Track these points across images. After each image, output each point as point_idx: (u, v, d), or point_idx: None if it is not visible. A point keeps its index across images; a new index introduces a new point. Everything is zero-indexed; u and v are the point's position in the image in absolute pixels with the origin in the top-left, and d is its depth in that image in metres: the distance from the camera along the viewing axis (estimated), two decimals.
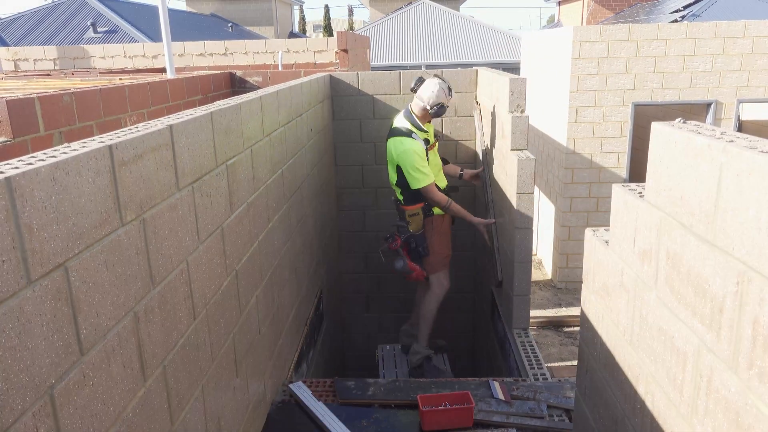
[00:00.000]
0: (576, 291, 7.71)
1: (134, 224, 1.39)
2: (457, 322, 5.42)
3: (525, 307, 3.60)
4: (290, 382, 3.01)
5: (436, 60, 18.40)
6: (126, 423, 1.34)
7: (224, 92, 5.87)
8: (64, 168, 1.12)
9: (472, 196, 5.11)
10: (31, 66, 8.44)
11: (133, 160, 1.39)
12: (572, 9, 21.95)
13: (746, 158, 0.97)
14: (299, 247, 3.45)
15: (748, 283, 0.98)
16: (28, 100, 2.70)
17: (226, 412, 2.08)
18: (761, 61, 7.04)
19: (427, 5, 22.02)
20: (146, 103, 4.07)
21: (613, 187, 1.57)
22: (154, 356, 1.49)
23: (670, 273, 1.24)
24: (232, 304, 2.13)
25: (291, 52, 8.20)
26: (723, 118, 7.25)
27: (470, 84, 4.83)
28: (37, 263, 1.04)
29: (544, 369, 3.16)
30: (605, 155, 7.50)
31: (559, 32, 7.87)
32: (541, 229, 8.97)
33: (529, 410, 2.73)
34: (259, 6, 28.09)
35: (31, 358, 1.02)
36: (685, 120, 1.28)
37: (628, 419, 1.50)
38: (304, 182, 3.60)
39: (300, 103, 3.49)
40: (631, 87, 7.22)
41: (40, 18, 18.05)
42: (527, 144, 3.57)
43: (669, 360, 1.27)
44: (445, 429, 2.64)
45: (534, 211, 3.53)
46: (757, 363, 0.96)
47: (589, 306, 1.79)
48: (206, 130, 1.88)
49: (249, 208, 2.36)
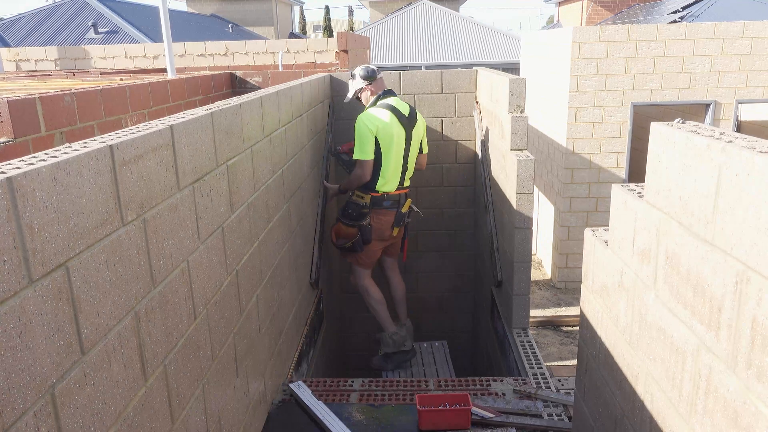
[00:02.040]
0: (575, 291, 7.71)
1: (135, 224, 1.40)
2: (457, 321, 5.43)
3: (525, 307, 3.60)
4: (290, 381, 3.01)
5: (436, 60, 18.41)
6: (127, 422, 1.35)
7: (225, 92, 5.88)
8: (65, 168, 1.12)
9: (472, 196, 5.12)
10: (33, 66, 8.45)
11: (134, 160, 1.39)
12: (572, 9, 21.97)
13: (745, 158, 0.97)
14: (299, 247, 3.45)
15: (746, 283, 0.98)
16: (29, 100, 2.70)
17: (227, 412, 2.08)
18: (760, 62, 7.05)
19: (427, 6, 22.03)
20: (147, 103, 4.07)
21: (613, 188, 1.57)
22: (154, 356, 1.50)
23: (669, 273, 1.25)
24: (232, 304, 2.14)
25: (291, 52, 8.21)
26: (722, 118, 7.26)
27: (470, 84, 4.84)
28: (38, 263, 1.05)
29: (544, 368, 3.16)
30: (604, 155, 7.51)
31: (558, 33, 7.88)
32: (541, 229, 8.98)
33: (525, 408, 2.73)
34: (260, 6, 28.10)
35: (33, 357, 1.03)
36: (684, 120, 1.29)
37: (628, 418, 1.50)
38: (304, 182, 3.60)
39: (300, 104, 3.50)
40: (631, 87, 7.23)
41: (42, 19, 18.07)
42: (527, 144, 3.57)
43: (668, 359, 1.27)
44: (442, 429, 2.65)
45: (533, 211, 3.54)
46: (755, 362, 0.96)
47: (588, 306, 1.79)
48: (207, 131, 1.88)
49: (249, 208, 2.36)
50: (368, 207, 3.99)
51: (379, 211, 4.02)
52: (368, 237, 4.02)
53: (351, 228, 4.02)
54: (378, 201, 3.99)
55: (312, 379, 3.11)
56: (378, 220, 4.03)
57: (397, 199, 4.05)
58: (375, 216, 4.02)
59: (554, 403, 2.80)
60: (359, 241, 4.01)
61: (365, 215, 3.98)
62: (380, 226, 4.05)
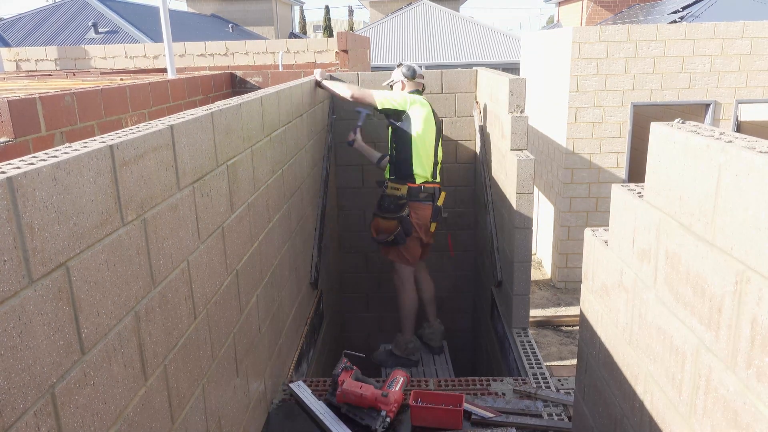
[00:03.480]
0: (575, 291, 7.71)
1: (135, 224, 1.40)
2: (457, 321, 5.43)
3: (524, 307, 3.60)
4: (290, 381, 3.01)
5: (436, 60, 18.40)
6: (127, 422, 1.35)
7: (225, 92, 5.88)
8: (65, 168, 1.13)
9: (472, 196, 5.12)
10: (33, 66, 8.45)
11: (134, 160, 1.39)
12: (572, 10, 21.97)
13: (745, 158, 0.98)
14: (299, 247, 3.45)
15: (746, 283, 0.98)
16: (29, 100, 2.70)
17: (227, 412, 2.08)
18: (760, 62, 7.05)
19: (427, 5, 22.02)
20: (147, 103, 4.07)
21: (613, 187, 1.57)
22: (155, 355, 1.50)
23: (669, 273, 1.25)
24: (232, 304, 2.14)
25: (291, 52, 8.21)
26: (722, 118, 7.26)
27: (470, 84, 4.84)
28: (39, 263, 1.05)
29: (544, 368, 3.16)
30: (604, 155, 7.51)
31: (558, 33, 7.88)
32: (541, 229, 8.98)
33: (525, 408, 2.73)
34: (260, 6, 28.09)
35: (33, 357, 1.03)
36: (684, 120, 1.29)
37: (627, 418, 1.50)
38: (304, 182, 3.61)
39: (300, 104, 3.50)
40: (630, 87, 7.23)
41: (42, 18, 18.07)
42: (527, 144, 3.57)
43: (668, 359, 1.27)
44: (434, 427, 2.65)
45: (533, 211, 3.54)
46: (755, 362, 0.96)
47: (588, 306, 1.79)
48: (207, 131, 1.88)
49: (249, 208, 2.36)
50: (405, 198, 3.95)
51: (416, 204, 3.98)
52: (409, 229, 3.95)
53: (390, 221, 3.95)
54: (414, 192, 3.96)
55: (312, 379, 3.11)
56: (416, 215, 3.99)
57: (432, 192, 4.03)
58: (413, 210, 3.97)
59: (554, 402, 2.80)
60: (401, 233, 3.93)
61: (403, 206, 3.94)
62: (420, 221, 4.01)
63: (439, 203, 4.07)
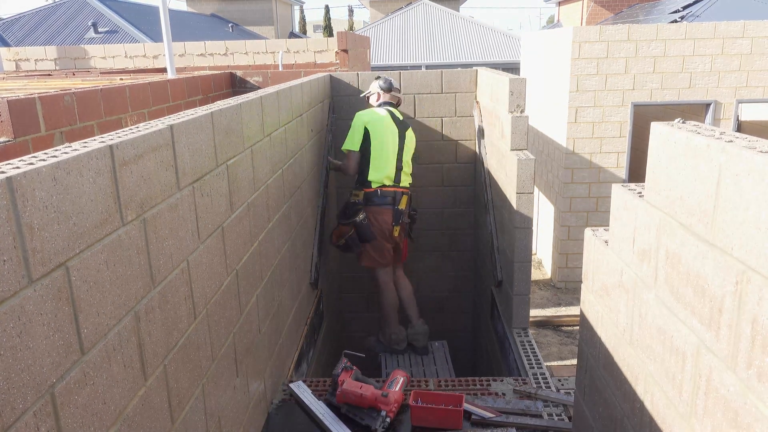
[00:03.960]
0: (575, 291, 7.71)
1: (135, 224, 1.39)
2: (457, 322, 5.43)
3: (525, 307, 3.60)
4: (290, 381, 3.01)
5: (436, 60, 18.40)
6: (127, 422, 1.35)
7: (225, 92, 5.88)
8: (65, 168, 1.12)
9: (472, 196, 5.12)
10: (32, 66, 8.45)
11: (134, 159, 1.39)
12: (572, 9, 21.96)
13: (745, 158, 0.97)
14: (299, 247, 3.45)
15: (747, 283, 0.98)
16: (29, 100, 2.70)
17: (227, 412, 2.08)
18: (760, 62, 7.05)
19: (427, 5, 22.02)
20: (147, 103, 4.07)
21: (613, 187, 1.57)
22: (154, 355, 1.50)
23: (670, 273, 1.25)
24: (232, 304, 2.14)
25: (291, 52, 8.20)
26: (722, 118, 7.26)
27: (470, 84, 4.83)
28: (38, 263, 1.04)
29: (544, 368, 3.16)
30: (605, 155, 7.51)
31: (558, 33, 7.88)
32: (541, 229, 8.97)
33: (525, 408, 2.73)
34: (260, 6, 28.08)
35: (32, 357, 1.03)
36: (685, 120, 1.29)
37: (628, 419, 1.50)
38: (304, 182, 3.60)
39: (300, 103, 3.50)
40: (631, 87, 7.23)
41: (42, 18, 18.06)
42: (527, 144, 3.57)
43: (668, 360, 1.27)
44: (434, 427, 2.65)
45: (533, 211, 3.54)
46: (755, 362, 0.96)
47: (588, 306, 1.79)
48: (207, 130, 1.88)
49: (249, 208, 2.36)
50: (361, 204, 4.05)
51: (373, 208, 4.06)
52: (366, 235, 4.04)
53: (344, 226, 4.09)
54: (370, 197, 4.05)
55: (312, 379, 3.11)
56: (375, 219, 4.06)
57: (392, 196, 4.08)
58: (371, 215, 4.06)
59: (554, 403, 2.80)
60: (354, 237, 4.05)
61: (358, 211, 4.05)
62: (381, 225, 4.07)
63: (401, 207, 4.12)
